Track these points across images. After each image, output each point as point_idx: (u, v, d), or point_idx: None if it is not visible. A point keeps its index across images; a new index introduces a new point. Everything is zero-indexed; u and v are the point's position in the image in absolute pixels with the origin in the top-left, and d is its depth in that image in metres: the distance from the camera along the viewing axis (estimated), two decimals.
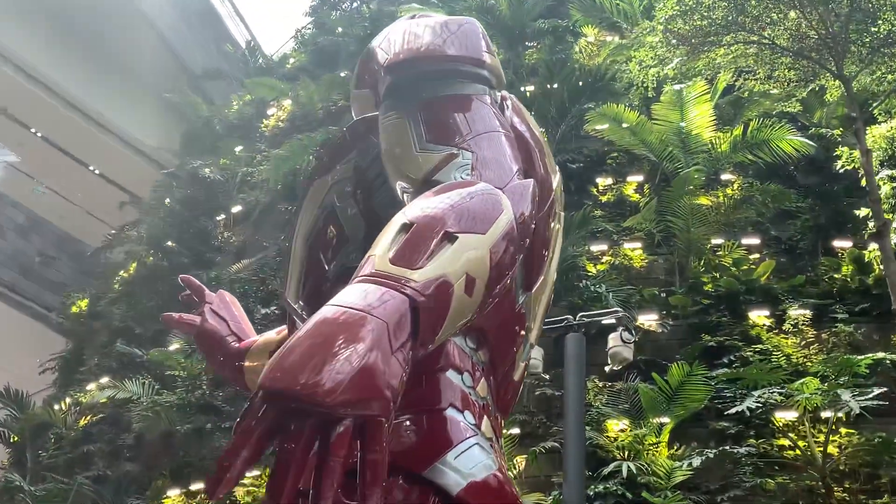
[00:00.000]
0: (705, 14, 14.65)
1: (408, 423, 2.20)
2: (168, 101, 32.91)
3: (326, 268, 2.71)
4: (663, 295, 17.29)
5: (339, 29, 32.17)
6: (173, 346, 20.46)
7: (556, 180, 2.68)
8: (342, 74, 27.32)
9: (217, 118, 31.77)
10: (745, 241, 18.31)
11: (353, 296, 1.77)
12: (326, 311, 1.73)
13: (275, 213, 23.73)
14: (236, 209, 25.82)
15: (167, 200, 28.22)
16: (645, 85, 17.17)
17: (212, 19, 37.45)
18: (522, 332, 2.58)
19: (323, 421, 1.58)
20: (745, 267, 17.40)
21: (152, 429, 18.60)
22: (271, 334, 3.51)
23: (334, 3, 35.35)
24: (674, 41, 15.15)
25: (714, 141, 19.23)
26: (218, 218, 26.14)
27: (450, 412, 2.27)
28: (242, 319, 3.67)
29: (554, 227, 2.64)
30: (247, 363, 3.45)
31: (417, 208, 2.02)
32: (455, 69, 2.63)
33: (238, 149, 28.62)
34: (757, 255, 18.10)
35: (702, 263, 17.87)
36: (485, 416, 2.37)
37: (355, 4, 34.99)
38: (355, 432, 1.61)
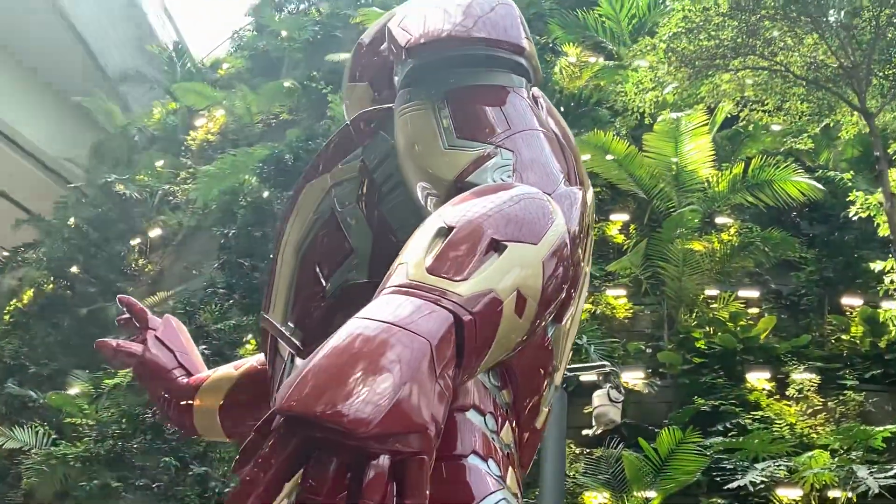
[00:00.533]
0: (713, 33, 14.87)
1: None
2: (77, 106, 32.46)
3: (323, 284, 2.67)
4: (650, 350, 17.32)
5: (284, 32, 32.19)
6: (75, 389, 19.93)
7: (590, 195, 2.62)
8: (286, 84, 27.24)
9: (135, 127, 31.43)
10: (743, 293, 18.47)
11: (386, 309, 1.72)
12: (355, 325, 1.67)
13: (202, 238, 23.38)
14: (155, 232, 25.48)
15: (72, 220, 27.81)
16: (641, 110, 17.30)
17: (135, 15, 37.13)
18: (549, 371, 2.54)
19: (354, 457, 1.52)
20: (743, 322, 17.51)
21: (45, 485, 18.00)
22: (227, 369, 3.46)
23: (279, 3, 35.33)
24: (676, 62, 15.28)
25: (711, 179, 19.41)
26: (133, 242, 25.75)
27: (472, 460, 2.20)
28: (192, 350, 3.62)
29: (588, 247, 2.59)
30: (197, 402, 3.40)
31: (457, 211, 1.99)
32: (489, 55, 2.61)
33: (159, 163, 28.30)
34: (756, 310, 18.24)
35: (694, 316, 17.97)
36: (510, 468, 2.32)
37: (303, 6, 35.00)
38: (391, 472, 1.54)
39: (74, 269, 25.11)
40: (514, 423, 2.42)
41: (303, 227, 2.83)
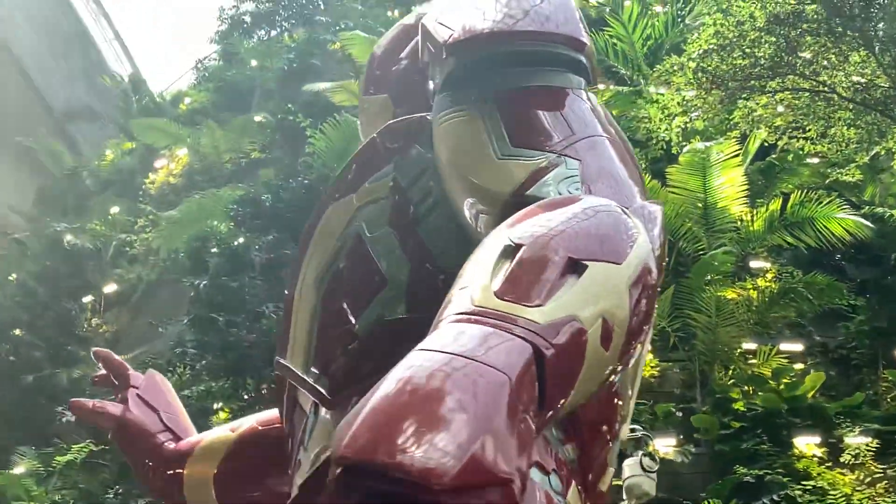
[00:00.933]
0: (748, 51, 14.72)
1: None
2: (19, 148, 32.32)
3: (352, 322, 2.67)
4: (681, 413, 17.03)
5: (254, 62, 32.32)
6: (21, 468, 19.55)
7: (661, 213, 2.54)
8: (258, 118, 27.15)
9: (85, 170, 31.28)
10: (785, 346, 18.23)
11: (451, 339, 1.69)
12: (417, 359, 1.65)
13: (166, 292, 23.12)
14: (110, 288, 25.28)
15: (13, 275, 27.62)
16: (667, 138, 17.10)
17: (83, 44, 37.09)
18: (617, 421, 2.52)
19: None
20: (787, 380, 17.23)
21: None
22: (222, 432, 3.46)
23: (247, 29, 35.37)
24: (707, 83, 15.10)
25: (744, 217, 19.20)
26: (85, 299, 25.57)
27: None
28: (178, 410, 3.63)
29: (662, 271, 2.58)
30: (187, 470, 3.39)
31: (524, 227, 1.98)
32: (546, 52, 2.62)
33: (114, 210, 28.11)
34: (800, 366, 17.98)
35: (730, 374, 17.70)
36: None
37: (275, 32, 35.12)
38: None
39: (18, 331, 24.82)
40: (579, 484, 2.39)
41: (325, 256, 2.83)
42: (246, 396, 18.72)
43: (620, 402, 2.50)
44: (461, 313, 1.79)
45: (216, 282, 21.51)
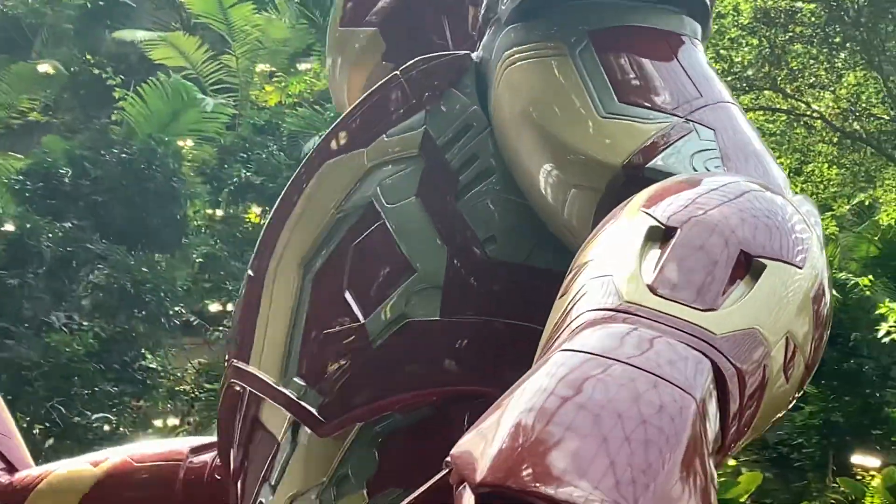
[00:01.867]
0: (723, 52, 15.11)
1: None
2: None
3: (359, 318, 2.69)
4: None
5: None
6: None
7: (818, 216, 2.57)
8: (42, 69, 26.47)
9: None
10: None
11: (607, 341, 1.64)
12: (570, 361, 1.60)
13: None
14: None
15: None
16: None
17: None
18: None
19: None
20: (719, 480, 17.39)
21: None
22: (79, 465, 3.50)
23: None
24: None
25: None
26: None
27: None
28: (12, 432, 3.67)
29: None
30: None
31: (673, 206, 1.94)
32: None
33: None
34: (732, 463, 18.19)
35: None
36: None
37: None
38: None
39: None
40: None
41: (315, 230, 2.84)
42: None
43: None
44: (608, 309, 1.73)
45: None
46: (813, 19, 14.70)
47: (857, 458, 18.15)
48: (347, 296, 2.72)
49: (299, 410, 2.69)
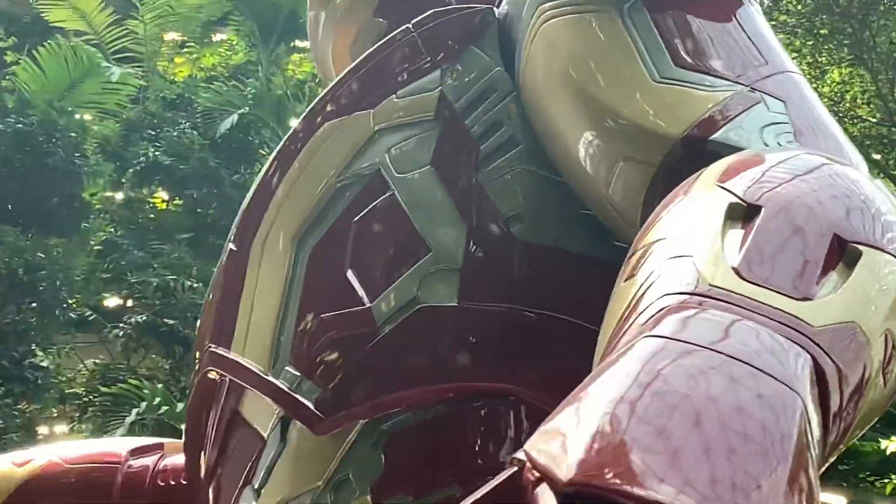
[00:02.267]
0: None
1: None
2: None
3: (364, 301, 2.58)
4: None
5: None
6: None
7: None
8: None
9: None
10: None
11: (697, 328, 1.51)
12: (660, 351, 1.47)
13: None
14: None
15: None
16: None
17: None
18: None
19: None
20: None
21: None
22: (1, 463, 3.40)
23: None
24: None
25: None
26: None
27: None
28: None
29: None
30: None
31: (753, 182, 1.83)
32: None
33: None
34: None
35: None
36: None
37: None
38: None
39: None
40: None
41: (311, 201, 2.73)
42: None
43: None
44: (693, 294, 1.58)
45: None
46: (799, 7, 13.81)
47: (824, 497, 16.95)
48: (350, 275, 2.57)
49: (292, 404, 2.51)
